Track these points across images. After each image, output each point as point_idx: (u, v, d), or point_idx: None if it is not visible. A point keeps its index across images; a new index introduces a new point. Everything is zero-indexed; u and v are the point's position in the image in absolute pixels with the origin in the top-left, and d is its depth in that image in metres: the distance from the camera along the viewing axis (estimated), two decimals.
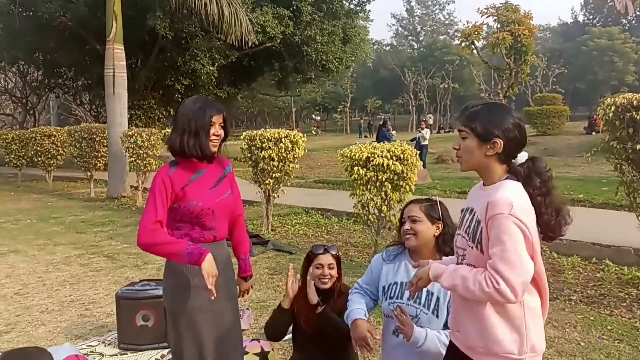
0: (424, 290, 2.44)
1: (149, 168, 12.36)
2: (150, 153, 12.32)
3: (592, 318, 4.52)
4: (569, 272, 5.79)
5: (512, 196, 1.83)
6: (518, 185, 1.90)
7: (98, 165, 14.62)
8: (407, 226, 2.60)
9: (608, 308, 4.82)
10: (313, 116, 58.86)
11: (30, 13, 19.38)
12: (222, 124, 2.59)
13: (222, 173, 2.67)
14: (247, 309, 4.66)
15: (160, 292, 4.01)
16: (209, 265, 2.36)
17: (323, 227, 8.79)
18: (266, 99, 47.50)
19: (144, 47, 19.92)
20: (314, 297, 2.95)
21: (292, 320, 3.14)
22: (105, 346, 4.15)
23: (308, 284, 2.99)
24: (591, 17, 70.90)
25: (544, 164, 1.96)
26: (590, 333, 4.22)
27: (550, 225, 1.93)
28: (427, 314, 2.51)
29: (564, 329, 4.32)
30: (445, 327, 2.46)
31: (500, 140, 1.89)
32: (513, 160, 1.95)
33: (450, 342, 2.15)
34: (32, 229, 9.58)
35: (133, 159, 12.43)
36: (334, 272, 3.08)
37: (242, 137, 8.69)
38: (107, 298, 5.33)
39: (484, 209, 1.86)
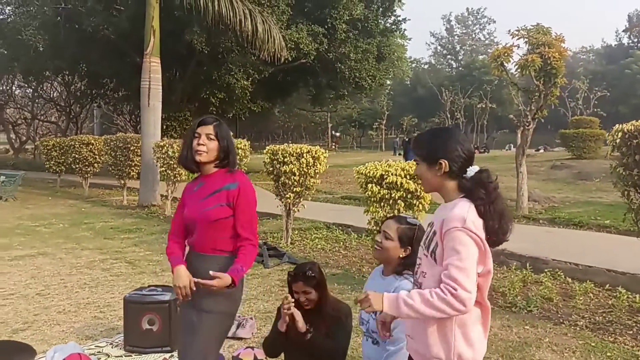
0: None
1: (178, 178, 12.66)
2: None
3: (593, 344, 4.49)
4: (580, 298, 5.73)
5: (465, 212, 1.99)
6: (470, 203, 2.05)
7: (131, 173, 15.06)
8: (378, 238, 2.77)
9: (613, 335, 4.77)
10: (332, 132, 58.93)
11: (75, 26, 20.18)
12: (212, 135, 2.73)
13: (219, 187, 2.76)
14: (251, 318, 4.79)
15: (166, 297, 4.21)
16: (174, 278, 2.74)
17: (341, 243, 8.87)
18: (302, 114, 48.03)
19: (181, 61, 20.49)
20: (302, 326, 2.99)
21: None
22: (112, 347, 4.34)
23: (295, 313, 3.00)
24: (636, 39, 69.32)
25: (487, 175, 2.09)
26: (589, 359, 4.20)
27: (494, 230, 2.04)
28: (374, 319, 2.66)
29: (562, 353, 4.31)
30: None
31: (445, 161, 2.07)
32: (464, 175, 2.09)
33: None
34: (63, 233, 9.95)
35: (164, 168, 12.77)
36: (312, 295, 3.08)
37: (264, 151, 8.89)
38: (121, 302, 5.52)
39: (440, 224, 2.03)
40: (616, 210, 12.28)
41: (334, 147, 54.08)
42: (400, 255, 2.71)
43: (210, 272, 2.60)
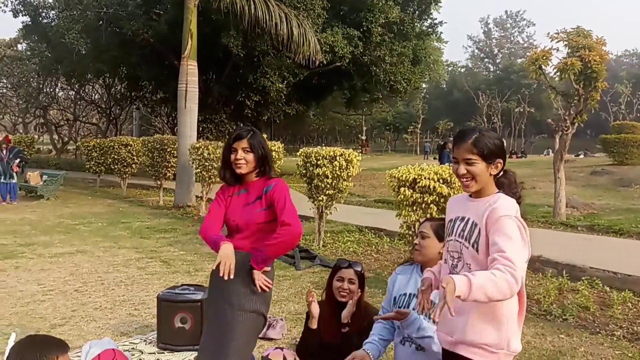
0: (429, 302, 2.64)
1: (213, 180, 12.84)
2: (215, 165, 12.78)
3: (630, 355, 4.37)
4: (618, 307, 5.58)
5: (514, 204, 2.14)
6: (511, 198, 2.17)
7: (168, 174, 15.32)
8: (416, 241, 2.82)
9: None
10: (359, 136, 58.64)
11: (116, 29, 20.70)
12: (248, 148, 2.85)
13: (260, 194, 2.90)
14: (282, 319, 4.82)
15: (198, 296, 4.27)
16: (222, 253, 2.70)
17: (374, 246, 8.85)
18: (337, 117, 48.06)
19: (218, 64, 20.77)
20: (346, 317, 3.08)
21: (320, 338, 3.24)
22: (145, 344, 4.42)
23: (349, 304, 3.12)
24: None
25: (516, 176, 2.30)
26: None
27: None
28: (428, 321, 2.68)
29: None
30: None
31: (501, 161, 2.21)
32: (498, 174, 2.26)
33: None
34: (101, 232, 10.19)
35: (199, 170, 12.96)
36: (354, 287, 3.20)
37: (298, 154, 8.94)
38: (155, 300, 5.62)
39: (484, 215, 2.12)
40: None
41: (361, 150, 53.94)
42: (440, 251, 2.74)
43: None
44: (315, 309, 3.16)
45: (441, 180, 6.19)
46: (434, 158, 40.28)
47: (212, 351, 2.83)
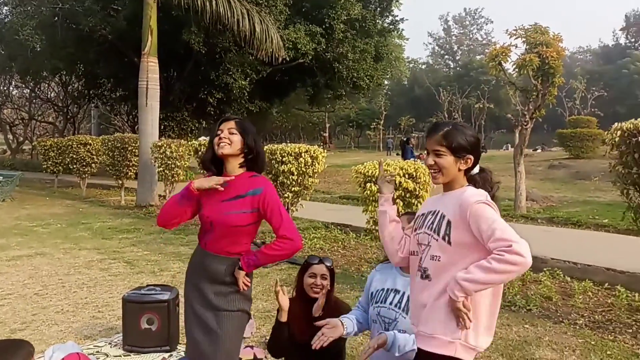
0: (405, 295, 2.71)
1: (176, 178, 12.68)
2: (178, 164, 12.63)
3: (593, 343, 4.49)
4: (579, 297, 5.73)
5: (481, 191, 2.14)
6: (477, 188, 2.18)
7: (129, 174, 15.03)
8: None
9: (613, 334, 4.77)
10: (321, 133, 58.71)
11: (73, 25, 20.12)
12: (234, 129, 2.71)
13: (243, 193, 2.70)
14: (250, 317, 4.77)
15: (165, 296, 4.20)
16: (197, 182, 2.69)
17: (340, 242, 8.86)
18: (300, 114, 47.94)
19: (179, 61, 20.47)
20: (317, 311, 3.05)
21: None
22: (110, 347, 4.32)
23: (319, 298, 3.09)
24: (633, 40, 69.49)
25: (492, 175, 2.28)
26: (589, 357, 4.20)
27: None
28: (405, 317, 2.66)
29: (562, 352, 4.30)
30: None
31: (471, 157, 2.19)
32: (471, 172, 2.25)
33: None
34: (61, 234, 9.91)
35: (162, 168, 12.76)
36: (327, 282, 3.19)
37: None
38: (120, 302, 5.50)
39: (456, 207, 2.11)
40: (614, 210, 12.30)
41: (324, 147, 53.96)
42: None
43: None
44: (284, 301, 3.12)
45: (407, 175, 6.25)
46: (397, 154, 40.73)
47: (202, 358, 2.76)
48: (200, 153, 10.53)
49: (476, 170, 2.24)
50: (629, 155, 4.43)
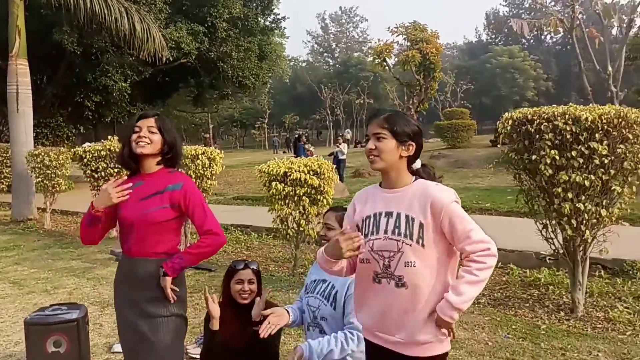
0: (330, 284, 2.78)
1: (57, 189, 11.80)
2: (59, 173, 11.78)
3: (498, 319, 4.81)
4: None
5: (448, 188, 2.10)
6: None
7: (1, 186, 13.79)
8: (323, 232, 2.83)
9: (513, 309, 5.14)
10: (202, 134, 57.76)
11: None
12: (154, 128, 2.58)
13: (161, 189, 2.60)
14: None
15: (73, 315, 3.91)
16: (98, 202, 2.56)
17: (242, 243, 8.76)
18: (182, 115, 46.58)
19: (50, 63, 19.10)
20: (257, 316, 2.97)
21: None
22: None
23: (257, 303, 2.99)
24: (493, 36, 75.28)
25: (435, 171, 2.26)
26: (497, 333, 4.49)
27: None
28: (326, 305, 2.75)
29: (473, 330, 4.57)
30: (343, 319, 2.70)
31: (414, 144, 2.12)
32: (412, 165, 2.17)
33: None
34: None
35: (40, 179, 11.82)
36: (254, 287, 3.15)
37: None
38: (15, 326, 5.05)
39: (425, 207, 2.04)
40: (492, 194, 13.27)
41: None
42: None
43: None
44: (216, 309, 3.03)
45: (311, 172, 6.29)
46: (283, 152, 40.99)
47: None
48: (86, 160, 9.90)
49: (418, 164, 2.19)
50: (520, 142, 4.78)
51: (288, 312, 2.82)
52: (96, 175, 9.81)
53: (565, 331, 4.52)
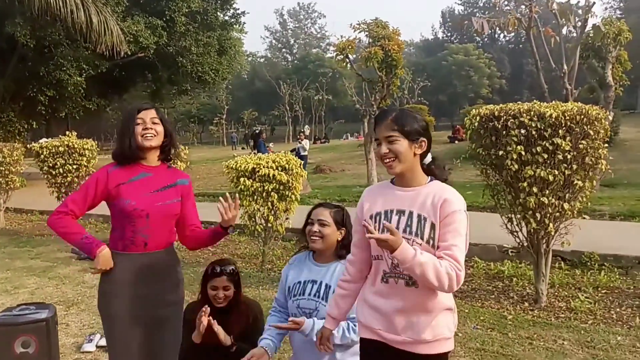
0: (322, 284, 2.72)
1: (11, 185, 11.42)
2: (13, 169, 11.39)
3: (466, 311, 4.93)
4: None
5: (460, 195, 2.07)
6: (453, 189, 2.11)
7: None
8: (315, 228, 2.73)
9: (479, 301, 5.28)
10: None
11: None
12: (156, 119, 2.58)
13: (173, 182, 2.67)
14: None
15: (42, 315, 3.82)
16: (102, 260, 2.53)
17: None
18: None
19: (1, 56, 18.40)
20: (227, 340, 2.94)
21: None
22: None
23: (217, 331, 2.91)
24: (449, 34, 76.63)
25: (444, 163, 2.21)
26: (466, 324, 4.61)
27: None
28: (325, 305, 2.66)
29: None
30: None
31: (425, 140, 2.09)
32: (423, 161, 2.14)
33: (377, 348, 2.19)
34: None
35: None
36: (230, 292, 3.05)
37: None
38: None
39: (436, 208, 2.01)
40: (456, 189, 13.53)
41: None
42: (338, 239, 2.75)
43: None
44: (204, 324, 2.90)
45: (280, 168, 6.29)
46: (242, 148, 40.69)
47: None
48: (42, 156, 9.60)
49: (429, 159, 2.15)
50: (487, 138, 4.90)
51: (265, 349, 2.76)
52: (54, 172, 9.53)
53: (531, 321, 4.67)
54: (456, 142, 23.59)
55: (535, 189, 4.71)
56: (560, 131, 4.59)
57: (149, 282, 2.58)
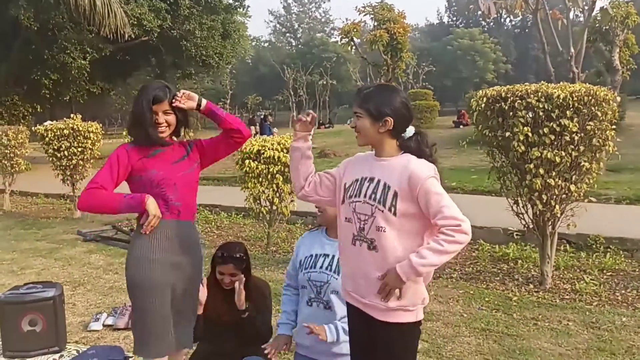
0: (335, 258, 2.75)
1: (16, 169, 11.45)
2: (18, 152, 11.42)
3: (471, 292, 4.94)
4: None
5: (428, 163, 2.14)
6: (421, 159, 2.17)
7: None
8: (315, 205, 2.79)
9: (484, 282, 5.29)
10: None
11: None
12: (168, 110, 2.60)
13: (185, 153, 2.70)
14: (130, 306, 4.53)
15: (49, 293, 3.84)
16: (152, 206, 2.51)
17: (212, 223, 8.71)
18: None
19: (4, 39, 18.34)
20: (242, 305, 2.95)
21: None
22: None
23: (238, 291, 2.93)
24: (455, 18, 75.92)
25: (429, 137, 2.27)
26: (471, 305, 4.62)
27: None
28: (336, 279, 2.70)
29: (448, 303, 4.68)
30: None
31: (391, 119, 2.15)
32: (402, 135, 2.20)
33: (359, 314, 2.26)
34: None
35: None
36: (237, 278, 3.00)
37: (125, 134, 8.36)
38: None
39: (403, 179, 2.09)
40: (457, 173, 13.47)
41: None
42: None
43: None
44: (203, 295, 2.93)
45: (285, 150, 6.27)
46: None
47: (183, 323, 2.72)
48: (47, 139, 9.61)
49: (410, 133, 2.20)
50: (494, 119, 4.87)
51: (290, 337, 2.89)
52: (59, 155, 9.56)
53: (536, 302, 4.68)
54: (461, 127, 23.48)
55: (541, 171, 4.69)
56: (567, 112, 4.56)
57: (175, 251, 2.61)
